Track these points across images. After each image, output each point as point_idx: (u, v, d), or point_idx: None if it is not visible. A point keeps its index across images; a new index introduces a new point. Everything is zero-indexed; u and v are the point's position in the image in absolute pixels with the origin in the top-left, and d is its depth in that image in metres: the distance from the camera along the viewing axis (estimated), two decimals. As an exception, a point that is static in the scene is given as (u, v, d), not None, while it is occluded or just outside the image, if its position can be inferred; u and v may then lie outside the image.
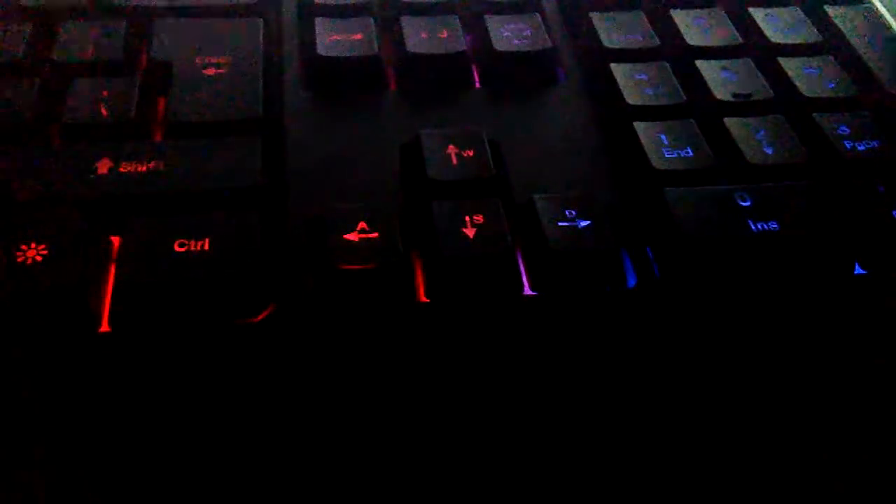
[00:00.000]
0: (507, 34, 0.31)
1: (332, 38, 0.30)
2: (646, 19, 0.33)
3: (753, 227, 0.25)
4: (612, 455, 0.22)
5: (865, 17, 0.34)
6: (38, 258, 0.22)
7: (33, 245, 0.23)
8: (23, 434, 0.21)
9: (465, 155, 0.26)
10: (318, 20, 0.31)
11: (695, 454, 0.22)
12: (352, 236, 0.24)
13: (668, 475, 0.22)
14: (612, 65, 0.30)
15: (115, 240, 0.24)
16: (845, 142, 0.28)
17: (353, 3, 0.32)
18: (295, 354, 0.22)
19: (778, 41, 0.32)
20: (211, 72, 0.29)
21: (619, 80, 0.30)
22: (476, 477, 0.21)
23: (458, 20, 0.32)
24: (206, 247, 0.23)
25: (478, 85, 0.31)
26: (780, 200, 0.26)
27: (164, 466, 0.21)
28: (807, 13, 0.33)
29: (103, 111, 0.27)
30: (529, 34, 0.31)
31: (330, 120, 0.29)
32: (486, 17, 0.32)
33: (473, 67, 0.31)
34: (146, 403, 0.21)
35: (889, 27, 0.33)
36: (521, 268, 0.24)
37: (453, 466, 0.21)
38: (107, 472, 0.21)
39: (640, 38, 0.32)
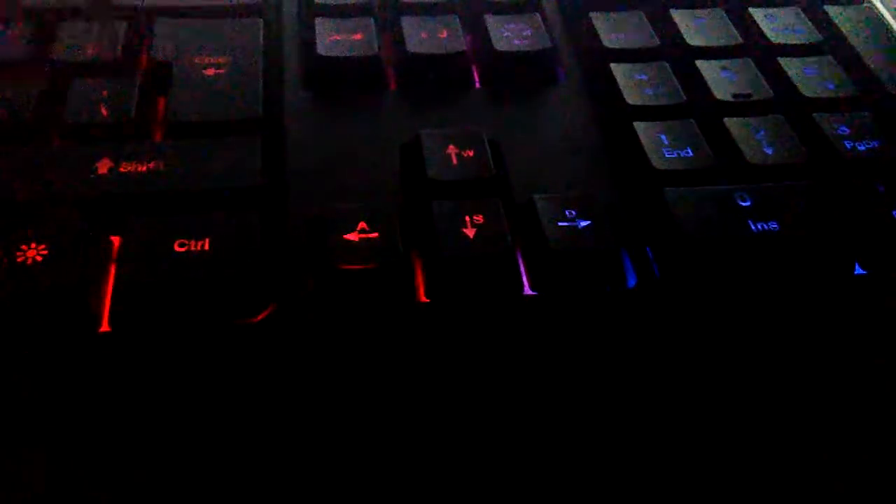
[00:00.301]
0: (507, 34, 0.31)
1: (332, 38, 0.30)
2: (646, 19, 0.32)
3: (753, 227, 0.25)
4: (612, 454, 0.22)
5: (865, 17, 0.34)
6: (38, 258, 0.22)
7: (33, 245, 0.23)
8: (23, 434, 0.21)
9: (465, 155, 0.26)
10: (318, 20, 0.31)
11: (695, 454, 0.22)
12: (352, 236, 0.24)
13: (669, 475, 0.22)
14: (612, 65, 0.30)
15: (115, 240, 0.24)
16: (845, 142, 0.28)
17: (353, 3, 0.32)
18: (295, 355, 0.22)
19: (778, 41, 0.32)
20: (211, 72, 0.29)
21: (619, 80, 0.30)
22: (476, 477, 0.21)
23: (458, 20, 0.32)
24: (206, 247, 0.23)
25: (478, 85, 0.31)
26: (780, 200, 0.26)
27: (164, 466, 0.21)
28: (807, 13, 0.33)
29: (103, 111, 0.27)
30: (529, 34, 0.31)
31: (330, 120, 0.29)
32: (486, 17, 0.32)
33: (473, 67, 0.31)
34: (146, 403, 0.21)
35: (889, 27, 0.33)
36: (521, 268, 0.24)
37: (453, 466, 0.21)
38: (107, 472, 0.20)
39: (640, 38, 0.32)
